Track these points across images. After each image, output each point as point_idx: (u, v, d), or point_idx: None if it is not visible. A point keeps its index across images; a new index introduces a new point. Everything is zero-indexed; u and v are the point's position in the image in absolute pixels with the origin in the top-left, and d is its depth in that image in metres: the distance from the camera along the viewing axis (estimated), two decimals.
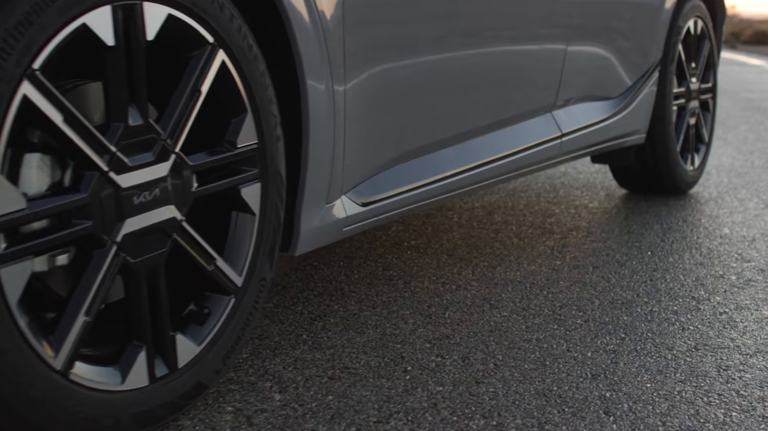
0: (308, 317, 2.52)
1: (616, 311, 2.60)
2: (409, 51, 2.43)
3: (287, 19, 1.99)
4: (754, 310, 2.63)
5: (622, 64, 3.65)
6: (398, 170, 2.52)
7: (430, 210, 3.86)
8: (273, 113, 1.99)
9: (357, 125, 2.27)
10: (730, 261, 3.14)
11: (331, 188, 2.23)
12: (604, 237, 3.45)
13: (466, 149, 2.80)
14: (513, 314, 2.57)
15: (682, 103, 4.19)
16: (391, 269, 2.99)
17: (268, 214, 2.01)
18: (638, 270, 3.02)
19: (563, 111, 3.33)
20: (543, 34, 3.08)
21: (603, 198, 4.19)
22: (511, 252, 3.22)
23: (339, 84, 2.17)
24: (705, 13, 4.31)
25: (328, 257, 3.12)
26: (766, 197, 4.20)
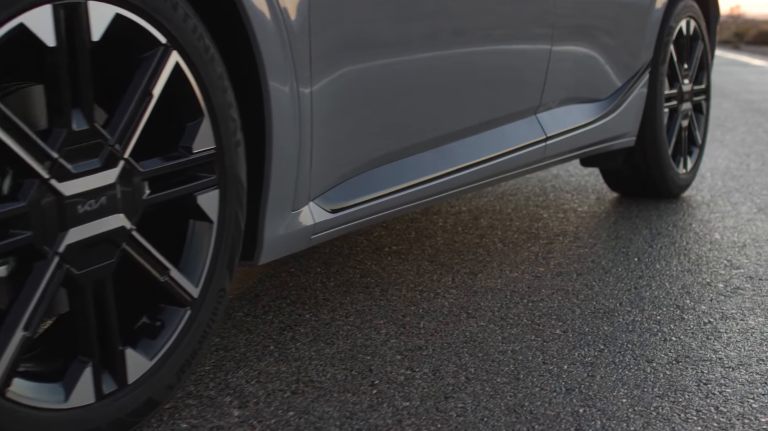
0: (278, 327, 2.44)
1: (597, 321, 2.52)
2: (381, 51, 2.35)
3: (247, 18, 1.91)
4: (740, 320, 2.54)
5: (610, 66, 3.56)
6: (371, 175, 2.44)
7: (415, 214, 3.77)
8: (232, 117, 1.91)
9: (325, 129, 2.19)
10: (719, 268, 3.06)
11: (297, 194, 2.15)
12: (591, 243, 3.37)
13: (444, 152, 2.72)
14: (490, 323, 2.49)
15: (674, 105, 4.11)
16: (369, 276, 2.91)
17: (227, 222, 1.93)
18: (623, 277, 2.94)
19: (548, 114, 3.24)
20: (526, 34, 3.00)
21: (593, 202, 4.10)
22: (494, 258, 3.14)
23: (305, 86, 2.09)
24: (698, 13, 4.22)
25: (305, 263, 3.04)
26: (759, 201, 4.11)
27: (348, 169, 2.34)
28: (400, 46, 2.41)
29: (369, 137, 2.39)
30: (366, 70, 2.30)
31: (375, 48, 2.32)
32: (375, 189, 2.43)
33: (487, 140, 2.91)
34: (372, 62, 2.32)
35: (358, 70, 2.27)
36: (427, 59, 2.52)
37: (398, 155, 2.53)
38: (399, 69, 2.43)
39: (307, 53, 2.09)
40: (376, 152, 2.43)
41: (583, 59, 3.39)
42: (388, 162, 2.50)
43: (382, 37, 2.35)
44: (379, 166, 2.46)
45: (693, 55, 4.25)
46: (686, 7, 4.08)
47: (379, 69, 2.34)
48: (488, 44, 2.79)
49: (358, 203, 2.37)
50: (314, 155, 2.17)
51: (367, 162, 2.41)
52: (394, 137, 2.49)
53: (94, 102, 1.67)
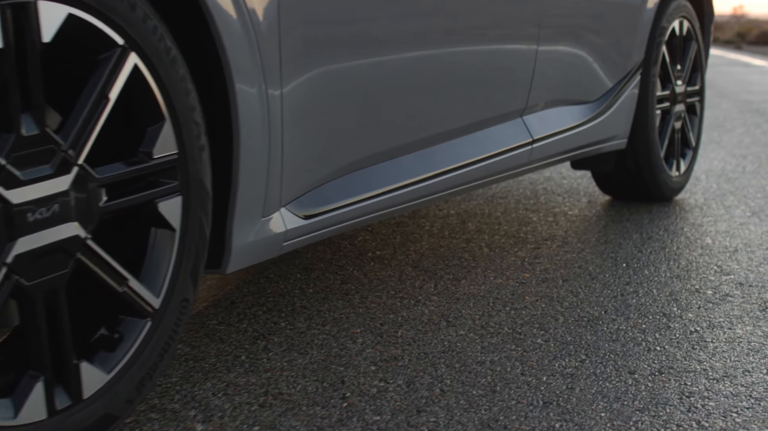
0: (251, 335, 2.38)
1: (580, 330, 2.45)
2: (356, 52, 2.28)
3: (212, 19, 1.85)
4: (727, 328, 2.47)
5: (599, 67, 3.49)
6: (348, 180, 2.37)
7: (401, 218, 3.71)
8: (196, 121, 1.84)
9: (297, 132, 2.13)
10: (709, 274, 2.99)
11: (267, 200, 2.08)
12: (580, 247, 3.30)
13: (425, 156, 2.65)
14: (470, 332, 2.42)
15: (667, 106, 4.04)
16: (349, 283, 2.84)
17: (190, 230, 1.86)
18: (610, 284, 2.87)
19: (535, 116, 3.17)
20: (510, 33, 2.93)
21: (584, 205, 4.03)
22: (479, 264, 3.07)
23: (274, 88, 2.02)
24: (691, 13, 4.15)
25: (285, 269, 2.98)
26: (753, 205, 4.04)
27: (322, 173, 2.28)
28: (376, 47, 2.34)
29: (344, 140, 2.32)
30: (340, 71, 2.23)
31: (349, 48, 2.26)
32: (351, 194, 2.36)
33: (471, 143, 2.84)
34: (346, 63, 2.25)
35: (331, 71, 2.20)
36: (405, 60, 2.45)
37: (376, 159, 2.46)
38: (377, 70, 2.36)
39: (277, 54, 2.02)
40: (353, 155, 2.36)
41: (572, 60, 3.32)
42: (365, 166, 2.43)
43: (357, 37, 2.28)
44: (355, 170, 2.39)
45: (686, 56, 4.18)
46: (679, 7, 4.01)
47: (353, 70, 2.28)
48: (470, 44, 2.72)
49: (334, 209, 2.30)
50: (286, 159, 2.11)
51: (343, 166, 2.34)
52: (371, 140, 2.42)
53: (48, 106, 1.60)
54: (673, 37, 4.03)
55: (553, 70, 3.19)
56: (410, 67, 2.48)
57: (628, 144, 3.85)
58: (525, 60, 3.00)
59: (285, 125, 2.08)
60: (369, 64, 2.33)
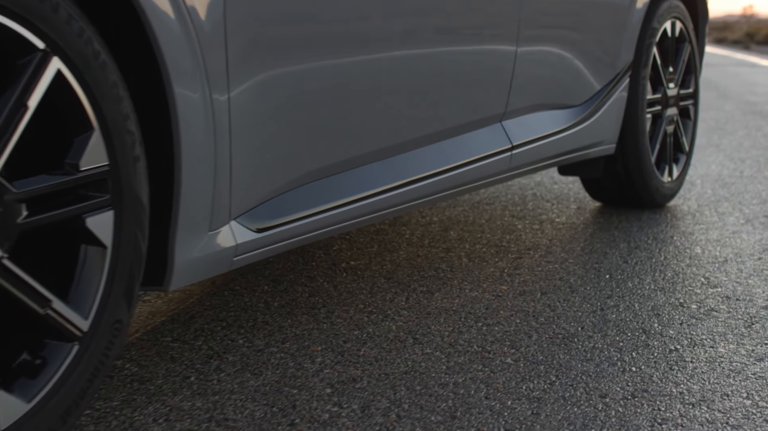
0: (205, 354, 2.26)
1: (553, 348, 2.32)
2: (315, 53, 2.16)
3: (146, 19, 1.72)
4: (709, 347, 2.34)
5: (585, 69, 3.36)
6: (307, 190, 2.25)
7: (381, 225, 3.58)
8: (129, 130, 1.72)
9: (248, 140, 2.00)
10: (695, 287, 2.86)
11: (214, 212, 1.96)
12: (563, 257, 3.17)
13: (393, 164, 2.52)
14: (436, 351, 2.30)
15: (658, 110, 3.90)
16: (317, 296, 2.72)
17: (123, 246, 1.74)
18: (590, 297, 2.74)
19: (515, 121, 3.04)
20: (486, 33, 2.80)
21: (573, 212, 3.90)
22: (455, 275, 2.94)
23: (220, 93, 1.90)
24: (684, 14, 4.02)
25: (253, 280, 2.85)
26: (748, 212, 3.91)
27: (278, 184, 2.15)
28: (337, 48, 2.22)
29: (302, 148, 2.19)
30: (296, 74, 2.11)
31: (307, 49, 2.13)
32: (310, 205, 2.24)
33: (444, 151, 2.72)
34: (303, 65, 2.13)
35: (286, 74, 2.08)
36: (370, 62, 2.33)
37: (339, 168, 2.34)
38: (339, 73, 2.24)
39: (223, 56, 1.90)
40: (312, 164, 2.24)
41: (555, 62, 3.19)
42: (327, 175, 2.31)
43: (316, 37, 2.16)
44: (316, 180, 2.27)
45: (679, 57, 4.05)
46: (671, 7, 3.88)
47: (312, 73, 2.15)
48: (441, 45, 2.60)
49: (290, 221, 2.18)
50: (235, 169, 1.98)
51: (302, 176, 2.22)
52: (332, 148, 2.30)
53: None
54: (664, 38, 3.90)
55: (534, 72, 3.06)
56: (376, 69, 2.35)
57: (617, 149, 3.72)
58: (503, 62, 2.88)
59: (234, 133, 1.96)
60: (330, 66, 2.21)
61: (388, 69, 2.39)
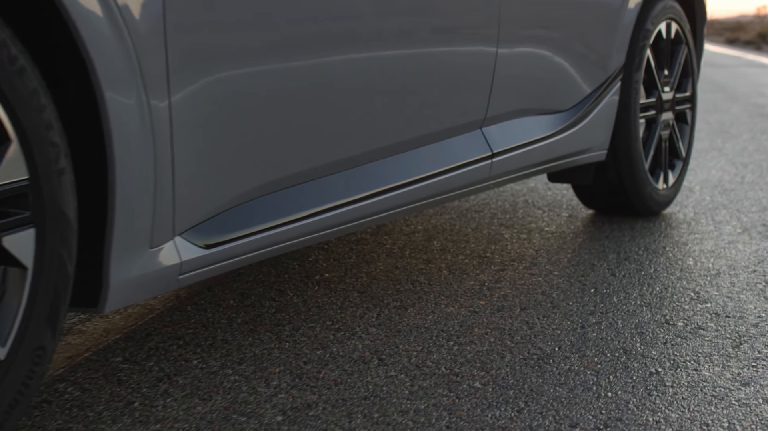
0: (155, 376, 2.12)
1: (526, 371, 2.18)
2: (269, 54, 2.03)
3: (69, 19, 1.59)
4: (692, 370, 2.20)
5: (573, 72, 3.22)
6: (263, 203, 2.11)
7: (362, 234, 3.45)
8: (52, 141, 1.59)
9: (194, 149, 1.87)
10: (683, 302, 2.71)
11: (155, 228, 1.82)
12: (548, 270, 3.03)
13: (361, 174, 2.39)
14: (401, 373, 2.16)
15: (652, 115, 3.76)
16: (284, 311, 2.59)
17: (46, 267, 1.60)
18: (572, 313, 2.60)
19: (497, 127, 2.91)
20: (462, 33, 2.66)
21: (563, 221, 3.76)
22: (432, 289, 2.81)
23: (159, 98, 1.77)
24: (680, 15, 3.87)
25: (219, 294, 2.72)
26: (746, 220, 3.76)
27: (230, 196, 2.02)
28: (294, 49, 2.08)
29: (255, 158, 2.06)
30: (246, 78, 1.97)
31: (259, 51, 2.00)
32: (266, 219, 2.11)
33: (417, 159, 2.58)
34: (254, 68, 1.99)
35: (235, 78, 1.94)
36: (331, 65, 2.19)
37: (299, 178, 2.20)
38: (298, 76, 2.10)
39: (163, 59, 1.77)
40: (268, 175, 2.11)
41: (540, 64, 3.05)
42: (285, 187, 2.17)
43: (269, 37, 2.02)
44: (273, 192, 2.14)
45: (675, 60, 3.90)
46: (666, 8, 3.73)
47: (264, 77, 2.02)
48: (414, 47, 2.46)
49: (243, 236, 2.05)
50: (179, 181, 1.85)
51: (257, 188, 2.09)
52: (290, 157, 2.16)
53: None
54: (659, 40, 3.76)
55: (517, 76, 2.92)
56: (337, 73, 2.22)
57: (609, 155, 3.58)
58: (481, 64, 2.74)
59: (176, 142, 1.82)
60: (285, 69, 2.07)
61: (351, 73, 2.25)
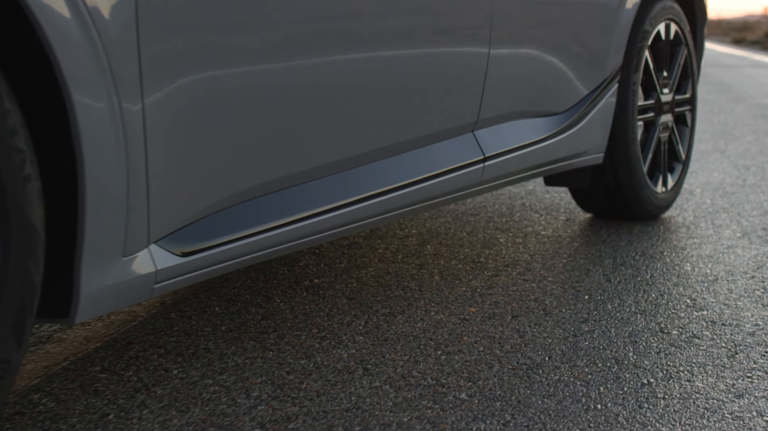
0: (133, 387, 2.07)
1: (514, 381, 2.13)
2: (250, 57, 1.97)
3: (33, 18, 1.54)
4: (686, 380, 2.14)
5: (569, 74, 3.16)
6: (245, 208, 2.06)
7: (354, 239, 3.39)
8: (17, 147, 1.54)
9: (170, 154, 1.82)
10: (679, 309, 2.65)
11: (129, 236, 1.77)
12: (542, 275, 2.97)
13: (348, 178, 2.33)
14: (386, 384, 2.11)
15: (651, 117, 3.70)
16: (270, 318, 2.53)
17: (10, 277, 1.55)
18: (564, 321, 2.54)
19: (489, 130, 2.85)
20: (453, 34, 2.60)
21: (561, 224, 3.70)
22: (423, 295, 2.75)
23: (132, 101, 1.71)
24: (680, 15, 3.81)
25: (205, 300, 2.67)
26: (746, 224, 3.70)
27: (208, 203, 1.96)
28: (275, 50, 2.03)
29: (236, 163, 2.00)
30: (226, 80, 1.92)
31: (239, 53, 1.94)
32: (247, 225, 2.05)
33: (406, 163, 2.52)
34: (235, 69, 1.94)
35: (214, 79, 1.89)
36: (315, 67, 2.14)
37: (282, 183, 2.15)
38: (279, 79, 2.04)
39: (136, 61, 1.72)
40: (249, 180, 2.05)
41: (534, 66, 2.99)
42: (268, 192, 2.11)
43: (251, 39, 1.97)
44: (255, 197, 2.08)
45: (674, 61, 3.84)
46: (665, 8, 3.67)
47: (246, 79, 1.96)
48: (399, 48, 2.40)
49: (223, 243, 1.99)
50: (153, 187, 1.80)
51: (238, 193, 2.03)
52: (273, 162, 2.11)
53: None
54: (658, 41, 3.69)
55: (510, 78, 2.86)
56: (322, 75, 2.16)
57: (606, 158, 3.52)
58: (473, 66, 2.68)
59: (150, 147, 1.77)
60: (267, 71, 2.02)
61: (334, 75, 2.20)
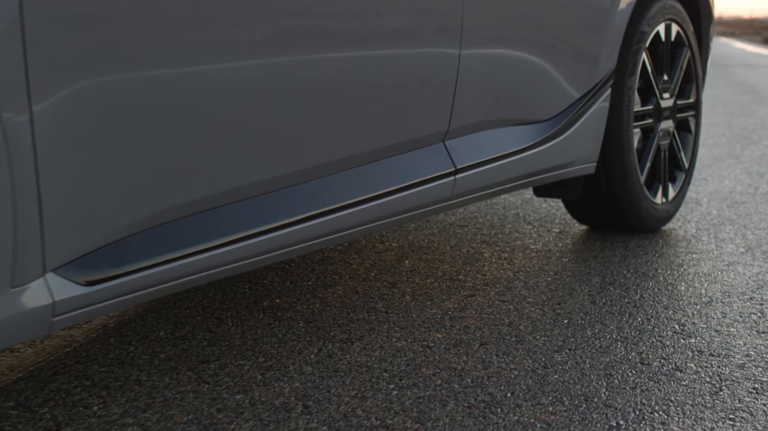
0: (44, 426, 1.88)
1: (467, 423, 1.91)
2: (166, 57, 1.76)
3: None
4: (659, 423, 1.92)
5: (555, 78, 2.94)
6: (166, 230, 1.85)
7: (329, 252, 3.18)
8: None
9: (67, 170, 1.62)
10: (665, 336, 2.43)
11: (18, 263, 1.57)
12: (522, 296, 2.75)
13: (292, 195, 2.13)
14: (324, 424, 1.90)
15: (650, 123, 3.47)
16: (216, 345, 2.33)
17: None
18: (536, 350, 2.32)
19: (463, 140, 2.63)
20: (416, 33, 2.39)
21: (552, 238, 3.48)
22: (389, 318, 2.54)
23: (17, 111, 1.52)
24: (682, 15, 3.58)
25: (152, 323, 2.47)
26: (752, 238, 3.46)
27: (118, 225, 1.76)
28: (197, 49, 1.82)
29: (150, 178, 1.80)
30: (133, 84, 1.71)
31: (147, 57, 1.74)
32: (169, 249, 1.85)
33: (365, 177, 2.31)
34: (143, 73, 1.73)
35: (118, 84, 1.69)
36: (252, 69, 1.93)
37: (212, 202, 1.94)
38: (199, 82, 1.84)
39: (21, 65, 1.52)
40: (168, 199, 1.85)
41: (514, 69, 2.77)
42: (194, 212, 1.91)
43: (165, 37, 1.76)
44: (177, 218, 1.87)
45: (676, 64, 3.61)
46: (665, 8, 3.44)
47: (164, 81, 1.76)
48: (354, 49, 2.19)
49: (138, 270, 1.79)
50: (47, 207, 1.60)
51: (154, 214, 1.83)
52: (196, 177, 1.90)
53: None
54: (658, 42, 3.46)
55: (486, 82, 2.65)
56: (261, 79, 1.95)
57: (600, 168, 3.30)
58: (442, 69, 2.46)
59: (42, 161, 1.57)
60: (184, 74, 1.81)
61: (272, 78, 1.99)
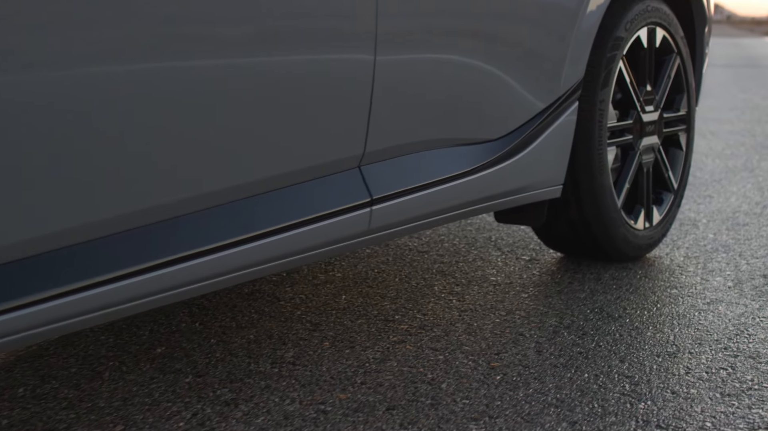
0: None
1: None
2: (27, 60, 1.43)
3: None
4: None
5: (506, 91, 2.57)
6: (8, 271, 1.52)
7: (260, 284, 2.83)
8: None
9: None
10: (609, 401, 2.06)
11: None
12: (458, 343, 2.39)
13: (166, 231, 1.78)
14: None
15: (628, 140, 3.09)
16: (73, 408, 2.00)
17: None
18: (450, 418, 1.97)
19: (385, 164, 2.27)
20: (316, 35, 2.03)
21: (519, 267, 3.11)
22: (292, 373, 2.19)
23: None
24: (669, 18, 3.19)
25: (17, 376, 2.14)
26: (745, 268, 3.07)
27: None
28: (62, 57, 1.48)
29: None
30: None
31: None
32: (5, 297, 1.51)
33: (251, 210, 1.96)
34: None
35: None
36: (102, 77, 1.58)
37: (65, 238, 1.59)
38: (61, 90, 1.50)
39: None
40: (8, 235, 1.51)
41: (450, 80, 2.40)
42: (45, 251, 1.57)
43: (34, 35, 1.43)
44: (20, 258, 1.54)
45: (662, 74, 3.22)
46: (648, 10, 3.05)
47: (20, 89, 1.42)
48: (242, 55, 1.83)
49: None
50: None
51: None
52: (40, 212, 1.55)
53: None
54: (639, 49, 3.08)
55: (412, 95, 2.28)
56: (132, 87, 1.61)
57: (568, 191, 2.92)
58: (352, 80, 2.10)
59: None
60: (48, 82, 1.47)
61: (149, 93, 1.64)
